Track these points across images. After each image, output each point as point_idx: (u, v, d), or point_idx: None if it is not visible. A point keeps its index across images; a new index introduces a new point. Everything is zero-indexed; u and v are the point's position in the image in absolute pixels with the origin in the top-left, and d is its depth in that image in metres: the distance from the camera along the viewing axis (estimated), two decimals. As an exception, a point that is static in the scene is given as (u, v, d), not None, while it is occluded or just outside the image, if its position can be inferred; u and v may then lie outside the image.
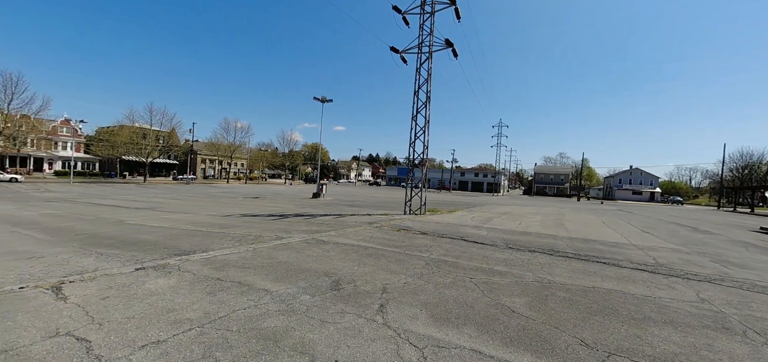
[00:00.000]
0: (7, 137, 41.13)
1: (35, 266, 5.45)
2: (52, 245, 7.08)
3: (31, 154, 50.44)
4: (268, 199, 24.91)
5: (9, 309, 3.61)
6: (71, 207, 14.89)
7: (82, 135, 60.13)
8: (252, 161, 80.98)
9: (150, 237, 8.31)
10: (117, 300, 3.94)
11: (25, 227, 9.27)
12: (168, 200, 20.82)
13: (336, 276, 5.43)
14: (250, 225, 11.12)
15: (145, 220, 11.41)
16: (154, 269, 5.28)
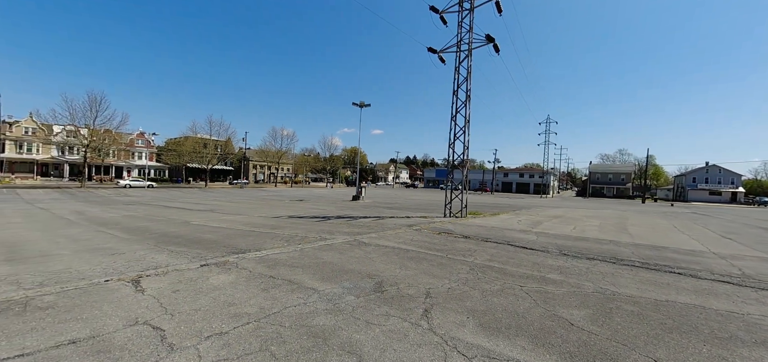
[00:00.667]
0: (93, 149, 48.29)
1: (117, 261, 6.28)
2: (131, 243, 8.12)
3: (112, 163, 58.66)
4: (312, 201, 26.04)
5: (96, 299, 4.20)
6: (146, 210, 16.99)
7: (154, 146, 68.40)
8: (297, 166, 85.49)
9: (211, 237, 9.14)
10: (186, 294, 4.38)
11: (109, 227, 10.76)
12: (225, 202, 22.78)
13: (378, 278, 5.46)
14: (296, 226, 11.70)
15: (206, 221, 12.60)
16: (216, 266, 5.79)
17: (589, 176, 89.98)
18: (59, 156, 55.08)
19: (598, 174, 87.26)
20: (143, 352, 2.88)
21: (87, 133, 46.47)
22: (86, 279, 5.03)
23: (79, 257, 6.54)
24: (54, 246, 7.58)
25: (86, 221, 12.22)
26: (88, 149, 46.20)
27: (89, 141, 46.21)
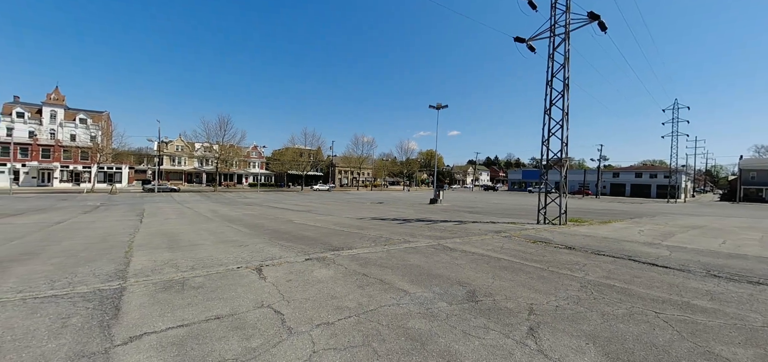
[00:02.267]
0: (222, 161, 60.09)
1: (244, 252, 7.56)
2: (252, 237, 9.71)
3: (235, 171, 71.85)
4: (390, 204, 26.80)
5: (232, 283, 5.10)
6: (260, 209, 20.21)
7: (263, 157, 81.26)
8: (376, 170, 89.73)
9: (311, 234, 10.26)
10: (297, 283, 4.98)
11: (235, 223, 13.12)
12: (318, 204, 25.40)
13: (470, 286, 5.18)
14: (379, 228, 12.16)
15: (305, 220, 14.24)
16: (317, 261, 6.44)
17: (739, 175, 67.66)
18: (199, 167, 70.61)
19: (752, 173, 64.38)
20: (269, 332, 3.36)
21: (218, 148, 58.33)
22: (223, 265, 6.21)
23: (217, 247, 8.16)
24: (199, 237, 9.65)
25: (219, 218, 15.23)
26: (218, 160, 57.96)
27: (220, 154, 57.88)
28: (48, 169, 52.33)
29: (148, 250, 7.65)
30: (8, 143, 49.40)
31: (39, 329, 3.41)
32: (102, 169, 54.34)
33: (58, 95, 55.28)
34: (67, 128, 54.90)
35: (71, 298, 4.33)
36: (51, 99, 54.42)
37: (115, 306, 4.04)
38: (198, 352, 2.97)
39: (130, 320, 3.64)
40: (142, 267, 6.00)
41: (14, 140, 50.09)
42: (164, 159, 66.51)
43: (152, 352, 2.95)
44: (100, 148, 51.80)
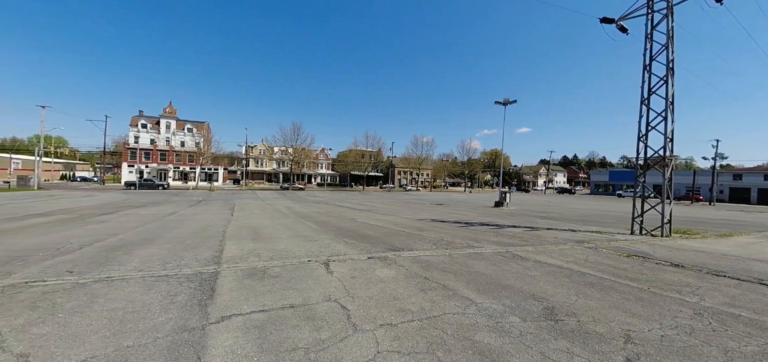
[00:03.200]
0: (295, 163, 66.05)
1: (313, 246, 8.10)
2: (320, 233, 10.37)
3: (305, 172, 78.23)
4: (451, 206, 25.93)
5: (304, 275, 5.48)
6: (326, 208, 21.58)
7: (329, 159, 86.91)
8: (435, 171, 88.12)
9: (372, 233, 10.53)
10: (360, 281, 5.12)
11: (305, 219, 14.21)
12: (378, 204, 26.03)
13: (547, 302, 4.63)
14: (440, 230, 11.83)
15: (367, 219, 14.71)
16: (379, 260, 6.55)
17: None
18: (277, 168, 78.84)
19: None
20: (336, 327, 3.50)
21: (292, 151, 64.49)
22: (296, 258, 6.75)
23: (291, 240, 8.92)
24: (277, 231, 10.69)
25: (293, 214, 16.71)
26: (292, 162, 64.10)
27: (293, 156, 63.96)
28: (164, 170, 64.42)
29: (237, 240, 8.77)
30: (135, 149, 62.50)
31: (153, 303, 4.14)
32: (203, 170, 64.78)
33: (171, 109, 67.69)
34: (177, 136, 66.90)
35: (178, 278, 5.19)
36: (166, 112, 66.95)
37: (211, 288, 4.70)
38: (275, 338, 3.23)
39: (222, 301, 4.19)
40: (232, 255, 6.90)
41: (139, 146, 63.13)
42: (250, 161, 76.10)
43: (238, 333, 3.32)
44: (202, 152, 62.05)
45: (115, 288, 4.67)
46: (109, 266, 5.85)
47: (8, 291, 4.46)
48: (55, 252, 6.93)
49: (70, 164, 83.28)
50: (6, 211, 15.08)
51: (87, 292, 4.47)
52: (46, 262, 6.11)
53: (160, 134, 65.38)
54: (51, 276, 5.19)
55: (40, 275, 5.28)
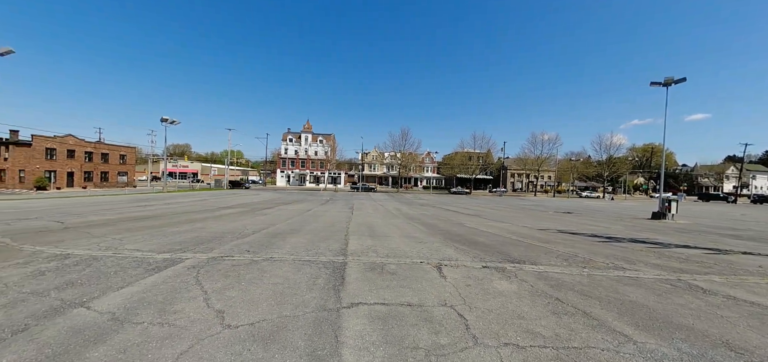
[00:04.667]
0: (402, 167, 69.14)
1: (424, 248, 8.21)
2: (429, 236, 10.45)
3: (411, 175, 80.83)
4: (584, 215, 21.62)
5: (417, 275, 5.58)
6: (432, 211, 21.65)
7: (435, 162, 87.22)
8: (560, 173, 75.63)
9: (484, 240, 9.89)
10: (476, 290, 4.85)
11: (414, 221, 14.59)
12: (488, 209, 24.34)
13: (751, 356, 3.22)
14: (571, 244, 10.01)
15: (477, 225, 13.95)
16: (495, 271, 6.06)
17: None
18: (386, 172, 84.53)
19: None
20: (455, 334, 3.40)
21: (400, 155, 68.00)
22: (409, 257, 6.99)
23: (402, 240, 9.33)
24: (389, 230, 11.38)
25: (402, 215, 17.50)
26: (400, 166, 67.54)
27: (401, 161, 67.34)
28: (303, 174, 78.50)
29: (357, 236, 9.81)
30: (285, 158, 78.22)
31: (301, 283, 5.03)
32: (330, 174, 75.86)
33: (308, 125, 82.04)
34: (312, 146, 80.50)
35: (317, 264, 6.16)
36: (304, 128, 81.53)
37: (341, 276, 5.38)
38: (397, 332, 3.40)
39: (350, 289, 4.72)
40: (355, 249, 7.74)
41: (288, 156, 78.74)
42: (364, 166, 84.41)
43: (365, 321, 3.65)
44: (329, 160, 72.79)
45: (276, 267, 5.95)
46: (271, 249, 7.51)
47: (211, 263, 6.28)
48: (238, 236, 9.38)
49: (245, 170, 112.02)
50: (209, 205, 21.48)
51: (259, 268, 5.85)
52: (233, 242, 8.34)
53: (300, 145, 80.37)
54: (236, 253, 7.04)
55: (229, 252, 7.23)
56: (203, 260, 6.34)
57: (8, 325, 3.36)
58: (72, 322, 3.48)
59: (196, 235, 9.34)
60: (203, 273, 5.44)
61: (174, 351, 2.94)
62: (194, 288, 4.71)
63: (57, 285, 4.67)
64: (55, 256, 6.45)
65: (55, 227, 10.16)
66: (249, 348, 3.02)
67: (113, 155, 49.87)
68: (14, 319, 3.51)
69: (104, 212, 14.96)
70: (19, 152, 37.25)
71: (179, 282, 4.93)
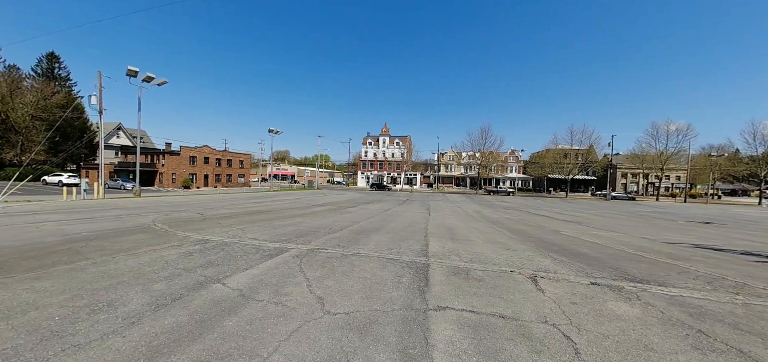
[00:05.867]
0: (483, 166, 65.16)
1: (513, 256, 7.54)
2: (517, 242, 9.56)
3: (493, 176, 75.57)
4: (731, 227, 16.52)
5: (508, 285, 5.14)
6: (518, 215, 19.77)
7: (521, 160, 79.67)
8: (694, 172, 59.88)
9: (589, 252, 8.53)
10: (585, 310, 4.20)
11: (497, 225, 13.56)
12: (591, 215, 20.94)
13: None
14: (716, 263, 7.77)
15: (577, 233, 12.14)
16: (609, 290, 5.15)
17: None
18: (464, 172, 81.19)
19: None
20: (561, 358, 3.00)
21: (479, 155, 64.38)
22: (496, 264, 6.53)
23: (486, 245, 8.79)
24: (470, 234, 10.86)
25: (483, 219, 16.51)
26: (480, 166, 63.92)
27: (480, 160, 63.69)
28: (381, 175, 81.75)
29: (437, 238, 9.68)
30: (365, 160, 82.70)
31: (387, 280, 5.20)
32: (406, 175, 77.11)
33: (386, 129, 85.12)
34: (390, 149, 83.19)
35: (401, 263, 6.30)
36: (382, 132, 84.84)
37: (425, 277, 5.38)
38: (490, 344, 3.20)
39: (435, 291, 4.68)
40: (435, 251, 7.65)
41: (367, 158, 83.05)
42: (440, 167, 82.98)
43: (454, 326, 3.55)
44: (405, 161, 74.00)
45: (363, 261, 6.33)
46: (357, 246, 8.03)
47: (310, 254, 7.04)
48: (329, 231, 10.33)
49: (332, 172, 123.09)
50: (303, 202, 24.22)
51: (349, 262, 6.32)
52: (325, 237, 9.21)
53: (378, 148, 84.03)
54: (329, 247, 7.76)
55: (323, 245, 8.01)
56: (304, 251, 7.19)
57: (169, 293, 4.41)
58: (212, 295, 4.37)
59: (296, 228, 10.66)
60: (305, 262, 6.17)
61: (287, 328, 3.40)
62: (298, 274, 5.37)
63: (201, 264, 5.94)
64: (199, 241, 8.23)
65: (196, 218, 12.98)
66: (346, 335, 3.28)
67: (235, 161, 61.02)
68: (173, 289, 4.60)
69: (229, 207, 18.43)
70: (171, 159, 48.95)
71: (287, 269, 5.70)
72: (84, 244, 7.31)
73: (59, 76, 51.31)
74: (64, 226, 9.77)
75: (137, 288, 4.52)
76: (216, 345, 3.02)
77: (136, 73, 23.78)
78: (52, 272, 5.13)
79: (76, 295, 4.17)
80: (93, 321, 3.44)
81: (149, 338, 3.12)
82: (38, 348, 2.85)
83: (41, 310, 3.65)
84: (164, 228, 10.12)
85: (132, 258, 6.20)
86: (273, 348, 2.98)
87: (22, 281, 4.63)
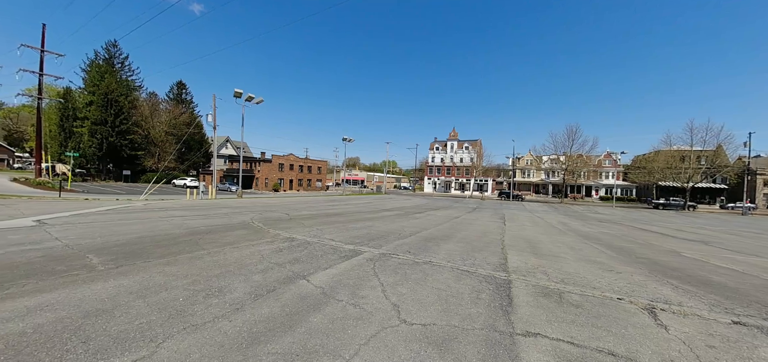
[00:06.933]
0: (569, 172, 57.49)
1: (618, 280, 6.34)
2: (621, 263, 8.04)
3: (582, 183, 66.14)
4: None
5: (616, 316, 4.29)
6: (618, 229, 16.75)
7: (620, 165, 68.02)
8: None
9: (725, 281, 6.65)
10: (730, 357, 3.23)
11: (591, 241, 11.68)
12: (721, 234, 16.52)
13: None
14: None
15: (704, 256, 9.65)
16: (761, 333, 3.89)
17: None
18: (545, 178, 73.16)
19: None
20: (705, 419, 2.33)
21: (564, 158, 57.14)
22: (597, 289, 5.57)
23: (580, 264, 7.61)
24: (557, 249, 9.59)
25: (571, 232, 14.48)
26: (565, 171, 56.64)
27: (566, 165, 56.40)
28: (449, 181, 79.52)
29: (516, 251, 8.82)
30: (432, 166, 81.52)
31: (464, 294, 4.89)
32: (476, 181, 73.36)
33: (454, 133, 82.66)
34: (458, 153, 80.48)
35: (477, 277, 5.89)
36: (450, 136, 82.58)
37: (507, 295, 4.90)
38: (597, 385, 2.68)
39: (522, 314, 4.19)
40: (517, 266, 6.95)
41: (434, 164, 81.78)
42: (516, 172, 76.53)
43: (550, 357, 3.09)
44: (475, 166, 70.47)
45: (436, 271, 6.13)
46: (427, 253, 7.85)
47: (382, 258, 7.13)
48: (398, 236, 10.38)
49: (398, 178, 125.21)
50: (373, 206, 25.01)
51: (421, 270, 6.20)
52: (396, 242, 9.27)
53: (446, 153, 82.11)
54: (400, 253, 7.76)
55: (394, 250, 8.05)
56: (377, 255, 7.35)
57: (264, 285, 4.94)
58: (299, 290, 4.74)
59: (368, 232, 11.03)
60: (378, 266, 6.28)
61: (366, 332, 3.46)
62: (373, 278, 5.48)
63: (289, 260, 6.56)
64: (286, 239, 9.15)
65: (284, 218, 14.54)
66: (425, 349, 3.15)
67: (314, 167, 67.13)
68: (267, 281, 5.14)
69: (309, 209, 20.22)
70: (265, 166, 56.27)
71: (362, 271, 5.88)
72: (201, 236, 8.84)
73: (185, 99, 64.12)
74: (187, 221, 12.01)
75: (240, 278, 5.22)
76: (304, 339, 3.24)
77: (240, 95, 28.18)
78: (178, 259, 6.30)
79: (195, 280, 5.01)
80: (207, 305, 4.06)
81: (250, 325, 3.52)
82: (166, 324, 3.47)
83: (169, 292, 4.48)
84: (260, 226, 11.58)
85: (236, 251, 7.22)
86: (354, 351, 3.04)
87: (156, 265, 5.79)
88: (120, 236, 8.30)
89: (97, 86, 48.15)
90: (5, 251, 6.21)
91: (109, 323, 3.41)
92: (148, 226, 10.31)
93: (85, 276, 4.96)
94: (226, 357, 2.85)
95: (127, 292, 4.35)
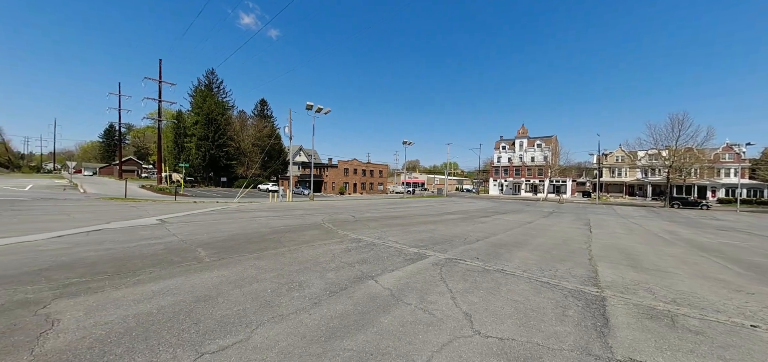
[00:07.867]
0: (675, 170, 47.59)
1: (749, 302, 4.99)
2: (753, 282, 6.31)
3: (693, 182, 54.25)
4: None
5: (752, 348, 3.37)
6: (746, 238, 13.22)
7: (745, 159, 54.07)
8: None
9: None
10: None
11: (711, 254, 9.43)
12: None
13: None
14: None
15: None
16: None
17: None
18: (642, 178, 62.19)
19: None
20: None
21: (668, 154, 47.56)
22: (722, 312, 4.47)
23: (696, 282, 6.22)
24: (663, 262, 8.00)
25: (681, 242, 11.95)
26: (670, 169, 47.07)
27: (671, 161, 46.84)
28: (518, 183, 73.55)
29: (609, 263, 7.64)
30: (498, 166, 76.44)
31: (546, 309, 4.41)
32: (552, 182, 66.32)
33: (523, 130, 76.19)
34: (529, 152, 73.89)
35: (561, 290, 5.27)
36: (519, 133, 76.30)
37: (602, 315, 4.25)
38: None
39: (622, 337, 3.59)
40: (611, 281, 6.01)
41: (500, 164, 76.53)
42: (604, 171, 66.85)
43: (664, 394, 2.58)
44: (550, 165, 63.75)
45: (509, 281, 5.69)
46: (498, 261, 7.34)
47: (449, 263, 6.90)
48: (464, 241, 9.96)
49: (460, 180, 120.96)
50: (434, 209, 24.56)
51: (492, 278, 5.82)
52: (462, 247, 8.91)
53: (514, 152, 76.17)
54: (467, 259, 7.42)
55: (460, 256, 7.74)
56: (442, 260, 7.17)
57: (337, 283, 5.22)
58: (369, 290, 4.89)
59: (431, 236, 10.85)
60: (445, 272, 6.12)
61: (438, 340, 3.38)
62: (440, 284, 5.35)
63: (358, 260, 6.84)
64: (354, 239, 9.58)
65: (350, 220, 15.28)
66: (503, 365, 2.93)
67: (375, 171, 69.35)
68: (340, 279, 5.42)
69: (372, 211, 20.89)
70: (332, 171, 60.23)
71: (429, 276, 5.80)
72: (282, 235, 9.84)
73: (266, 114, 72.71)
74: (271, 221, 13.51)
75: (316, 274, 5.63)
76: (376, 339, 3.31)
77: (311, 107, 30.79)
78: (265, 254, 7.10)
79: (280, 274, 5.57)
80: (291, 297, 4.46)
81: (327, 320, 3.76)
82: (257, 313, 3.91)
83: (260, 283, 5.06)
84: (330, 226, 12.39)
85: (311, 249, 7.84)
86: (426, 359, 2.99)
87: (248, 259, 6.61)
88: (221, 233, 9.75)
89: (200, 108, 57.90)
90: (137, 244, 7.83)
91: (214, 308, 4.01)
92: (241, 225, 11.90)
93: (196, 266, 5.95)
94: (309, 348, 3.08)
95: (227, 282, 5.06)
